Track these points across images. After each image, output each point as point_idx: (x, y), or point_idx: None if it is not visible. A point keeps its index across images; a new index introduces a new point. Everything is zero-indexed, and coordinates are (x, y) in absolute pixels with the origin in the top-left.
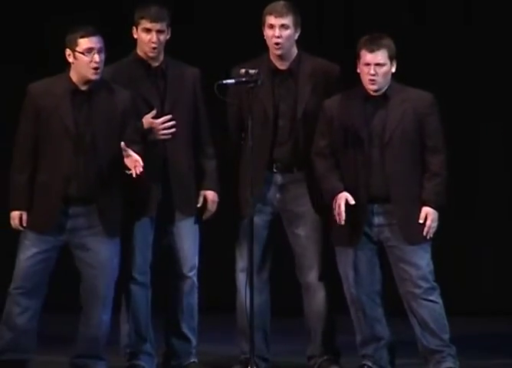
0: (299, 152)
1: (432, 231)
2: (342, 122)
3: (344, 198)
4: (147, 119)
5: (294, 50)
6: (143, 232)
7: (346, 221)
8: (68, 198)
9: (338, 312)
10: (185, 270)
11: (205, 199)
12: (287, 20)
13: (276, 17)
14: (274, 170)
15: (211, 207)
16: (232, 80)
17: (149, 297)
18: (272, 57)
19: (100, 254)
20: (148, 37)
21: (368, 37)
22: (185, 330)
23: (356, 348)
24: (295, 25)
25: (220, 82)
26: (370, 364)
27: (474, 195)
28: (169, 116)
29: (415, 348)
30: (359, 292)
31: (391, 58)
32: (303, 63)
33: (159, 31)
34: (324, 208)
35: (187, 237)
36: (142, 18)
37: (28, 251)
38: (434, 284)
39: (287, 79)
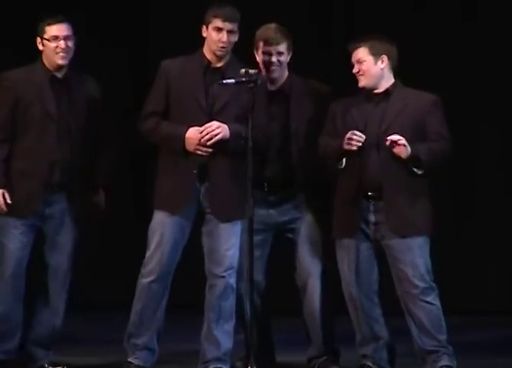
0: (289, 172)
1: (399, 146)
2: (344, 120)
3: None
4: (192, 131)
5: (286, 73)
6: (173, 232)
7: (343, 213)
8: (51, 184)
9: (338, 312)
10: (219, 270)
11: None
12: (282, 47)
13: (272, 44)
14: (265, 189)
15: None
16: (232, 80)
17: (167, 293)
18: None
19: (69, 242)
20: (218, 36)
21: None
22: (216, 332)
23: (356, 348)
24: (288, 50)
25: (220, 82)
26: (370, 364)
27: (473, 196)
28: (212, 133)
29: (414, 347)
30: (357, 291)
31: (375, 54)
32: (294, 84)
33: (229, 32)
34: (324, 209)
35: (225, 236)
36: (214, 16)
37: (18, 240)
38: (432, 284)
39: (279, 99)
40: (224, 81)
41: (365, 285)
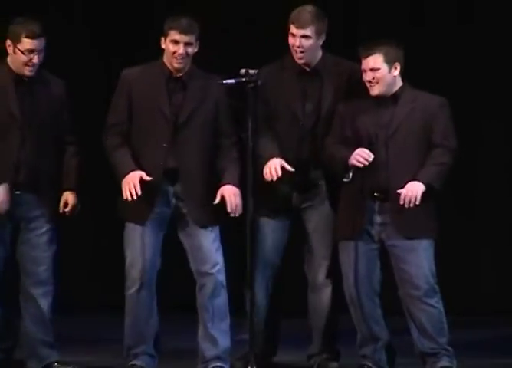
0: (318, 152)
1: (409, 199)
2: (353, 125)
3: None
4: (136, 173)
5: (319, 54)
6: (147, 239)
7: (348, 214)
8: (17, 185)
9: (340, 311)
10: (206, 267)
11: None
12: (309, 30)
13: (297, 27)
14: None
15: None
16: (232, 80)
17: (155, 299)
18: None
19: (43, 241)
20: (175, 48)
21: (364, 44)
22: (212, 331)
23: (356, 348)
24: (318, 33)
25: (220, 82)
26: (370, 364)
27: (473, 196)
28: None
29: (414, 348)
30: (358, 291)
31: (389, 62)
32: (327, 64)
33: (186, 44)
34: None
35: (205, 237)
36: (171, 28)
37: None
38: (436, 287)
39: (313, 79)
40: (224, 81)
41: (367, 286)
